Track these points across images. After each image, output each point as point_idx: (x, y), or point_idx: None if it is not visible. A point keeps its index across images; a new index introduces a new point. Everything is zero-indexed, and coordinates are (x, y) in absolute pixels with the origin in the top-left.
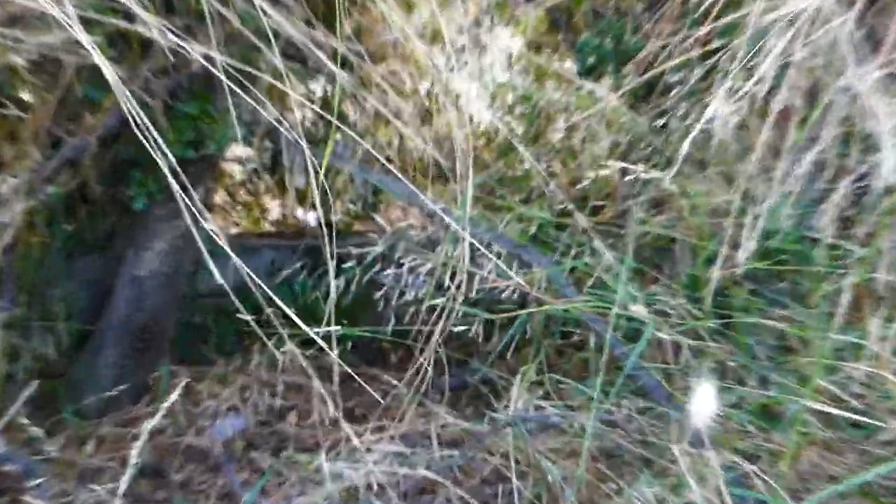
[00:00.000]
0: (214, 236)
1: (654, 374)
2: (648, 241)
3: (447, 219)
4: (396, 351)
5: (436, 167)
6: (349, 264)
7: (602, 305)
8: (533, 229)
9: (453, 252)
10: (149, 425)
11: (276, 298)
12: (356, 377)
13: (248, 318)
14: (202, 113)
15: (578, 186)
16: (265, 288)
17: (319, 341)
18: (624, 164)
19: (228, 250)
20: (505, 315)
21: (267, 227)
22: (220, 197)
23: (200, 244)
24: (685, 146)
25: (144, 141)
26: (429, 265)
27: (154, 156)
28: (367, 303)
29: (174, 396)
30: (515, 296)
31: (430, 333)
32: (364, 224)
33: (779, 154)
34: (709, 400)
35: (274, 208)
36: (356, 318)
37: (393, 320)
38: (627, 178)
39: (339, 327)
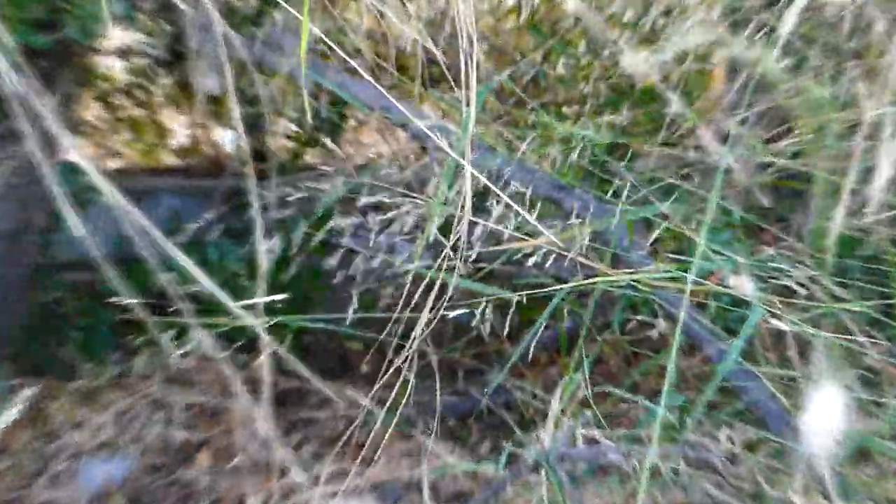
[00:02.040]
0: (83, 169)
1: (769, 388)
2: (766, 180)
3: (439, 141)
4: (370, 354)
5: (430, 65)
6: (289, 214)
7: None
8: (576, 156)
9: (452, 194)
10: None
11: (188, 266)
12: (306, 394)
13: (134, 301)
14: None
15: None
16: (172, 249)
17: (256, 330)
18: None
19: (110, 192)
20: (532, 292)
21: (167, 158)
22: (92, 111)
23: (56, 185)
24: (788, 20)
25: None
26: (411, 217)
27: None
28: (320, 278)
29: (14, 422)
30: (550, 264)
31: (415, 323)
32: (319, 155)
33: None
34: (833, 412)
35: (178, 128)
36: (305, 301)
37: (355, 303)
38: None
39: (269, 318)
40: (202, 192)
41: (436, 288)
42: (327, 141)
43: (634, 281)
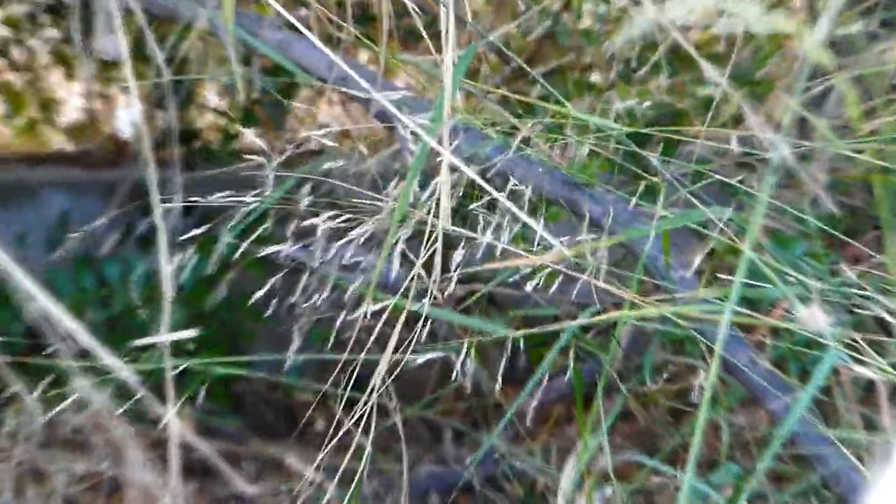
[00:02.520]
0: None
1: (851, 456)
2: (853, 173)
3: (406, 122)
4: (327, 407)
5: (399, 17)
6: (215, 216)
7: (743, 314)
8: (591, 144)
9: (422, 195)
10: None
11: (41, 297)
12: (237, 460)
13: None
14: None
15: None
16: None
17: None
18: None
19: None
20: (534, 331)
21: (55, 140)
22: None
23: None
24: None
25: None
26: (367, 226)
27: None
28: (255, 307)
29: None
30: (556, 289)
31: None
32: (261, 136)
33: None
34: None
35: (70, 101)
36: (237, 335)
37: (296, 343)
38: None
39: (182, 361)
40: (101, 187)
41: (400, 322)
42: (242, 131)
43: (672, 312)
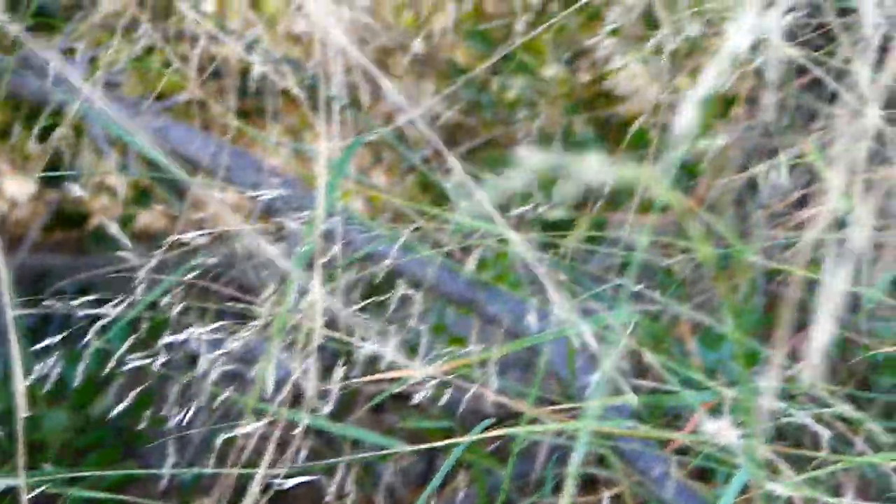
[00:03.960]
0: None
1: None
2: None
3: (268, 251)
4: None
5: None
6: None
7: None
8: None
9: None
10: None
11: None
12: None
13: None
14: None
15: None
16: None
17: None
18: None
19: None
20: (420, 447)
21: None
22: None
23: None
24: None
25: None
26: (243, 332)
27: None
28: (154, 406)
29: None
30: (447, 400)
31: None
32: (164, 217)
33: None
34: None
35: None
36: (135, 440)
37: (171, 459)
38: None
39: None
40: None
41: (273, 438)
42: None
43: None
